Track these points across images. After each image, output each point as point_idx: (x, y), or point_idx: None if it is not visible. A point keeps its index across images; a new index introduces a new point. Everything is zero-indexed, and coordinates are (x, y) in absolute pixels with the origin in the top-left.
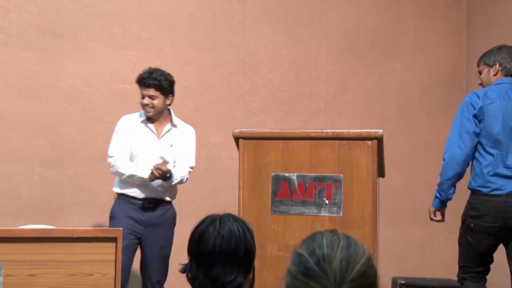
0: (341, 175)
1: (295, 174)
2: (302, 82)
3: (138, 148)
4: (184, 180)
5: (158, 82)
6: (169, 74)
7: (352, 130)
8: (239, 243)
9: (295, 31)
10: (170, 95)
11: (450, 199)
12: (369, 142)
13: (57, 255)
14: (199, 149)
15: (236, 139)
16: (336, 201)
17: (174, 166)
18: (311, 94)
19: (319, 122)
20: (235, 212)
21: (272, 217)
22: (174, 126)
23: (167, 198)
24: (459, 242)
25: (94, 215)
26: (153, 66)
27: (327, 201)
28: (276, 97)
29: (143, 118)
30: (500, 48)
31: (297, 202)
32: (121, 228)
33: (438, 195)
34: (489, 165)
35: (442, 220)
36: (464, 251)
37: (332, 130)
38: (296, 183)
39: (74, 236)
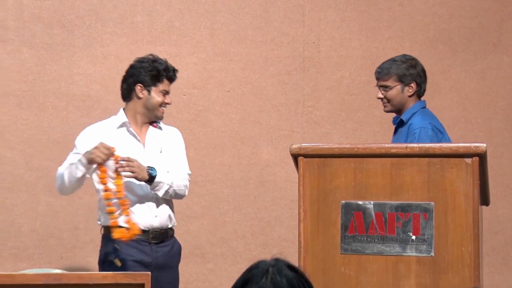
0: (432, 203)
1: (372, 202)
2: None
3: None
4: (184, 192)
5: None
6: None
7: (445, 145)
8: None
9: (369, 16)
10: None
11: None
12: (468, 160)
13: None
14: (247, 170)
15: (295, 157)
16: (426, 236)
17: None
18: None
19: None
20: (294, 251)
21: (342, 257)
22: (160, 128)
23: (171, 226)
24: None
25: None
26: (189, 64)
27: (414, 237)
28: (346, 103)
29: (120, 122)
30: (412, 61)
31: (375, 238)
32: (149, 273)
33: None
34: None
35: None
36: None
37: (420, 145)
38: (373, 213)
39: (91, 283)
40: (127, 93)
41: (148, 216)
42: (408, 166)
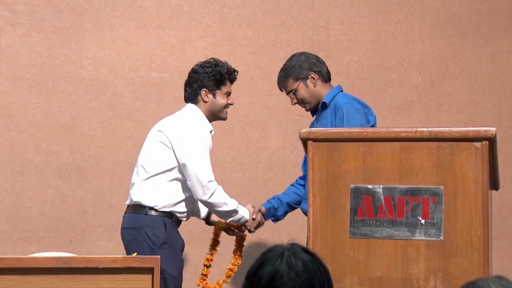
0: (441, 187)
1: (381, 186)
2: (389, 67)
3: None
4: None
5: None
6: None
7: (455, 129)
8: (322, 286)
9: (379, 0)
10: None
11: None
12: (478, 144)
13: None
14: (256, 154)
15: (304, 141)
16: (435, 220)
17: None
18: (401, 82)
19: (412, 118)
20: (303, 235)
21: (351, 241)
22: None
23: None
24: None
25: None
26: (198, 48)
27: (423, 221)
28: (355, 87)
29: (210, 128)
30: (300, 56)
31: (384, 222)
32: (158, 257)
33: None
34: None
35: None
36: None
37: (429, 129)
38: (382, 197)
39: (100, 267)
40: (192, 97)
41: (193, 211)
42: (417, 150)
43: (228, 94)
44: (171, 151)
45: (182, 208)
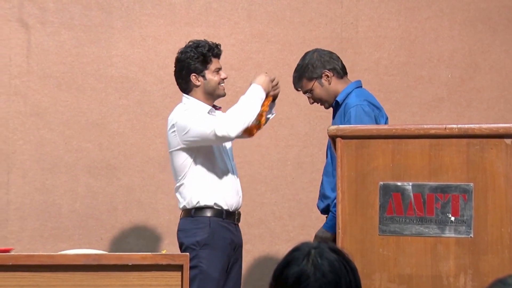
0: (471, 184)
1: (410, 183)
2: (418, 63)
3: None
4: None
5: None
6: None
7: (485, 125)
8: (349, 286)
9: None
10: None
11: None
12: (508, 141)
13: (108, 287)
14: (285, 151)
15: (333, 138)
16: (465, 218)
17: None
18: (430, 78)
19: (441, 115)
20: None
21: (380, 238)
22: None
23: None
24: None
25: (154, 237)
26: (226, 45)
27: (453, 218)
28: (384, 83)
29: (207, 109)
30: (313, 54)
31: (413, 219)
32: (187, 254)
33: None
34: None
35: None
36: None
37: (459, 126)
38: (411, 194)
39: (130, 264)
40: (185, 86)
41: (235, 196)
42: (447, 147)
43: (218, 70)
44: (180, 150)
45: (223, 199)
